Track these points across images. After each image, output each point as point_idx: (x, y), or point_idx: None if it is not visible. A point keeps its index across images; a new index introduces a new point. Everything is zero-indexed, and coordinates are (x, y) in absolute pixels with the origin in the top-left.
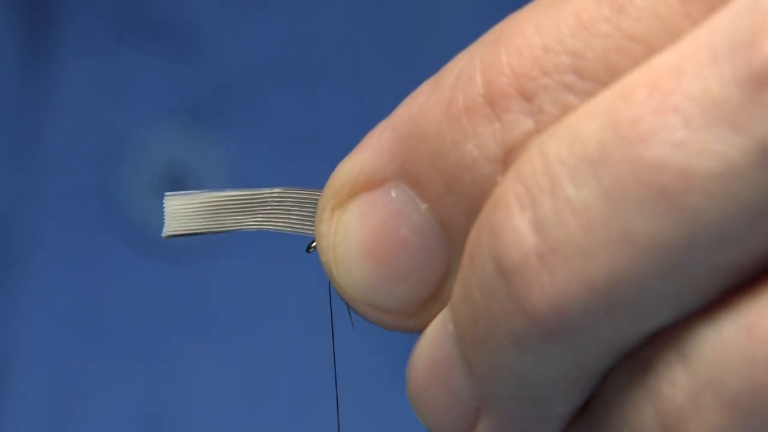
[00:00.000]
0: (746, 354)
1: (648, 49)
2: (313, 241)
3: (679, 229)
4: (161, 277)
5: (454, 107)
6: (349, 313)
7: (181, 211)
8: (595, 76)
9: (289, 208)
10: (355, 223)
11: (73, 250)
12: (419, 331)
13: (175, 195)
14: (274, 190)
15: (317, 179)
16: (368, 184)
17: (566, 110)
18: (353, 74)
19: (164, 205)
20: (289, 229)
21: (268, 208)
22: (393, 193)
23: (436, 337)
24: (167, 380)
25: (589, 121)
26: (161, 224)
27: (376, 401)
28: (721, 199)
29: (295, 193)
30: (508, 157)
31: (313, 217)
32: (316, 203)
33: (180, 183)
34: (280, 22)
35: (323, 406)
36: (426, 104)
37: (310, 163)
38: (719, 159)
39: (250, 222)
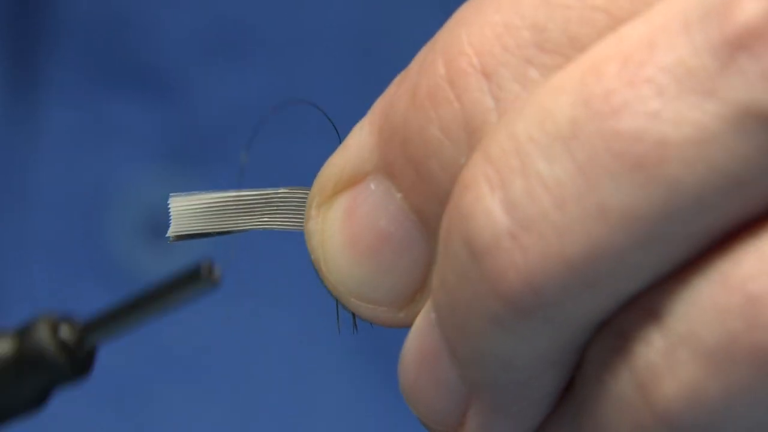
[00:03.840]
0: (719, 305)
1: (611, 18)
2: None
3: (656, 199)
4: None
5: (418, 93)
6: (354, 318)
7: (186, 212)
8: (556, 48)
9: (294, 207)
10: (340, 219)
11: (56, 295)
12: (410, 325)
13: (180, 195)
14: (279, 190)
15: None
16: (353, 180)
17: (528, 86)
18: (335, 121)
19: (169, 206)
20: (295, 228)
21: (273, 208)
22: (372, 186)
23: (422, 328)
24: (152, 424)
25: (559, 98)
26: (145, 269)
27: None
28: (698, 166)
29: (300, 193)
30: (471, 139)
31: None
32: None
33: (163, 228)
34: (261, 69)
35: None
36: (395, 95)
37: None
38: (694, 126)
39: (255, 222)
